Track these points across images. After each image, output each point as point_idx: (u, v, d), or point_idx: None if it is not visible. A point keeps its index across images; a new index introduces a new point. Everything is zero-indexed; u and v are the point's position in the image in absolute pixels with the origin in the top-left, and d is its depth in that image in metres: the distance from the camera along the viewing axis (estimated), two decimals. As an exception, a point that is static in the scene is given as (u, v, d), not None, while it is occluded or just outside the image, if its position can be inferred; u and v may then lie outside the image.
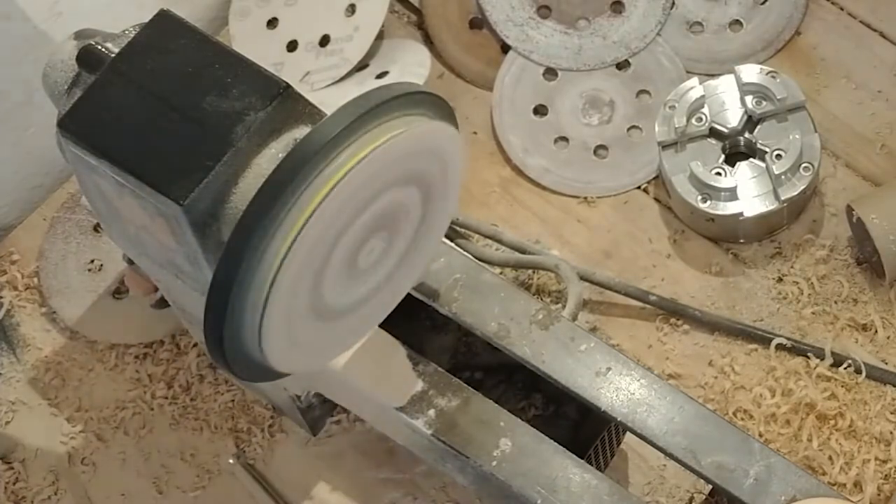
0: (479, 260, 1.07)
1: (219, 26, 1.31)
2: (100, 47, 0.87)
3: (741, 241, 1.16)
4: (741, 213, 1.12)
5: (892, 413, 1.08)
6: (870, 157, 1.18)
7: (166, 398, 1.15)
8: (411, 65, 1.24)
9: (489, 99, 1.24)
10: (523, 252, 1.15)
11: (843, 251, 1.14)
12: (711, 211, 1.12)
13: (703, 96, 1.15)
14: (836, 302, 1.13)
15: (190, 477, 1.12)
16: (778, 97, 1.13)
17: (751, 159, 1.14)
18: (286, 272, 0.75)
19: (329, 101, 1.00)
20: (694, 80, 1.17)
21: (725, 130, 1.14)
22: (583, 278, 1.12)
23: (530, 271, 1.16)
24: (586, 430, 1.00)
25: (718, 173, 1.12)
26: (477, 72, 1.26)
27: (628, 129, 1.22)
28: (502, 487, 0.93)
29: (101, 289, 1.19)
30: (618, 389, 0.95)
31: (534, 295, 1.11)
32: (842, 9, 1.25)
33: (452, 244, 1.05)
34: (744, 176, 1.13)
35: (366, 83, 1.22)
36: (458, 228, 1.17)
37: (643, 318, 1.14)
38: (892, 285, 1.12)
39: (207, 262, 0.82)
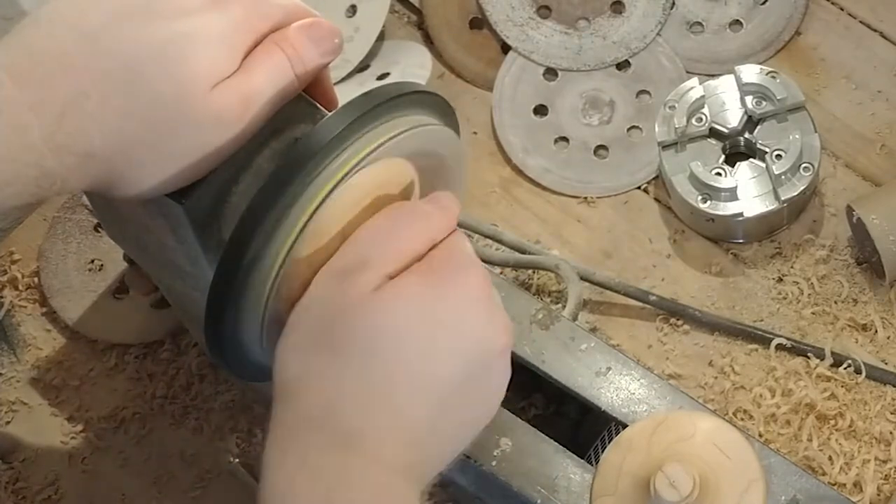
0: (480, 260, 1.06)
1: (219, 26, 1.31)
2: (100, 47, 0.87)
3: (741, 241, 1.16)
4: (741, 213, 1.12)
5: (892, 413, 1.08)
6: (870, 157, 1.18)
7: (166, 398, 1.15)
8: (412, 66, 1.24)
9: (489, 99, 1.24)
10: (523, 252, 1.15)
11: (843, 251, 1.14)
12: (711, 211, 1.12)
13: (703, 96, 1.15)
14: (836, 302, 1.12)
15: (190, 477, 1.12)
16: (778, 97, 1.13)
17: (751, 159, 1.14)
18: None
19: (329, 101, 0.99)
20: (694, 80, 1.16)
21: (725, 130, 1.14)
22: (583, 278, 1.12)
23: (530, 271, 1.16)
24: (586, 430, 1.00)
25: (718, 173, 1.12)
26: (477, 72, 1.26)
27: (628, 129, 1.22)
28: (502, 487, 0.93)
29: (101, 289, 1.19)
30: (618, 389, 0.95)
31: (534, 295, 1.11)
32: (842, 9, 1.25)
33: (453, 244, 1.05)
34: (744, 176, 1.13)
35: (367, 85, 1.22)
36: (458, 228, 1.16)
37: (643, 318, 1.14)
38: (893, 285, 1.12)
39: (208, 262, 0.82)
